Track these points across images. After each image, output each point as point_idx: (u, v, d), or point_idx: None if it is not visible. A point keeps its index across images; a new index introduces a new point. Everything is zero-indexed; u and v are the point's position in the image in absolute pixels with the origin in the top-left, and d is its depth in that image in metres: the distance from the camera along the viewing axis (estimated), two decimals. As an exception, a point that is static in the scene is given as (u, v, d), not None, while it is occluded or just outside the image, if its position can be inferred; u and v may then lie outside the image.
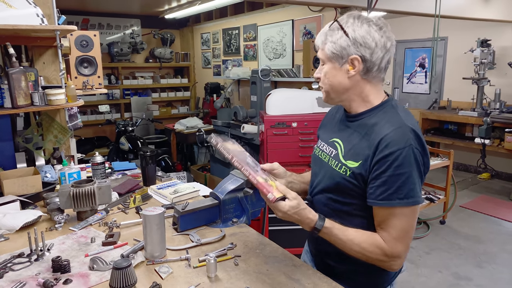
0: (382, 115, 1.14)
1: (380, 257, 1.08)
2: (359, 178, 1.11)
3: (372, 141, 1.09)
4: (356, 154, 1.13)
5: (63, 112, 2.28)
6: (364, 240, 1.09)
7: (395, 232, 1.07)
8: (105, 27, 6.42)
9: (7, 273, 1.20)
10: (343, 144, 1.20)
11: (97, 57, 2.43)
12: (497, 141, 4.96)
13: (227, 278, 1.15)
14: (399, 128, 1.07)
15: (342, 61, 1.12)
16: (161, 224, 1.27)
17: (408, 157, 1.04)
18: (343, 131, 1.22)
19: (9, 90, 1.68)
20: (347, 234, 1.10)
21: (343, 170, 1.14)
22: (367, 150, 1.10)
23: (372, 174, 1.08)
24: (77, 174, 1.96)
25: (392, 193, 1.05)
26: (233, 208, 1.56)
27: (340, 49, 1.11)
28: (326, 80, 1.17)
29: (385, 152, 1.05)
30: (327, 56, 1.15)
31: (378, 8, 3.55)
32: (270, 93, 3.40)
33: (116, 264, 1.08)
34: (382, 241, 1.08)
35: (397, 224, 1.07)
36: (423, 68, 6.33)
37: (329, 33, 1.13)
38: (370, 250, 1.08)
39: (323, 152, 1.26)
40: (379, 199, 1.07)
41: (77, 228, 1.52)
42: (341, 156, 1.18)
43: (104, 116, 6.22)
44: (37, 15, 1.96)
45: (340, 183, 1.15)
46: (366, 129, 1.14)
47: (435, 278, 3.02)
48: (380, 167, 1.06)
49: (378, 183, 1.06)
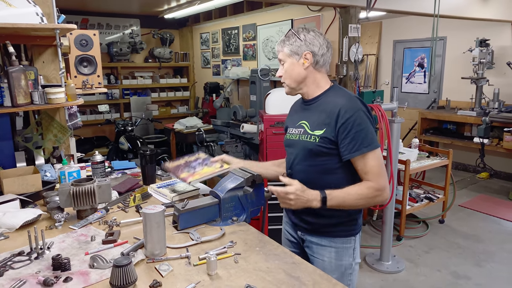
0: (333, 93, 1.52)
1: (374, 192, 1.41)
2: (327, 141, 1.45)
3: (331, 111, 1.44)
4: (320, 124, 1.47)
5: (63, 111, 2.28)
6: (359, 188, 1.42)
7: (375, 169, 1.42)
8: (105, 27, 6.42)
9: (7, 271, 1.20)
10: (307, 122, 1.53)
11: (96, 56, 2.43)
12: (496, 140, 4.97)
13: (227, 275, 1.15)
14: (349, 98, 1.47)
15: (298, 57, 1.49)
16: (161, 222, 1.27)
17: (362, 117, 1.42)
18: (305, 113, 1.57)
19: (9, 88, 1.68)
20: (345, 191, 1.41)
21: (313, 138, 1.48)
22: (328, 119, 1.45)
23: (340, 136, 1.42)
24: (77, 173, 1.96)
25: (360, 144, 1.40)
26: (233, 207, 1.57)
27: (296, 48, 1.48)
28: (287, 74, 1.52)
29: (346, 116, 1.41)
30: (286, 55, 1.50)
31: (377, 8, 3.56)
32: (270, 92, 3.40)
33: (117, 262, 1.08)
34: (370, 182, 1.42)
35: (373, 164, 1.42)
36: (422, 68, 6.34)
37: (286, 39, 1.51)
38: (366, 192, 1.41)
39: (293, 135, 1.58)
40: (352, 152, 1.41)
41: (77, 226, 1.52)
42: (308, 130, 1.51)
43: (103, 116, 6.22)
44: (37, 14, 1.96)
45: (312, 149, 1.48)
46: (323, 105, 1.50)
47: (434, 277, 3.03)
48: (345, 129, 1.41)
49: (348, 140, 1.41)
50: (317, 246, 1.57)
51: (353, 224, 1.57)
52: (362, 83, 6.63)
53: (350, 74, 3.57)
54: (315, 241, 1.57)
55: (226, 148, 4.03)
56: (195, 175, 1.72)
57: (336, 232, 1.54)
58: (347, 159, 1.43)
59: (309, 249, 1.61)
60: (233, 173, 1.64)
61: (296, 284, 1.09)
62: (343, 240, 1.56)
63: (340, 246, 1.56)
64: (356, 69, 3.58)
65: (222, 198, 1.53)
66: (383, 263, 3.16)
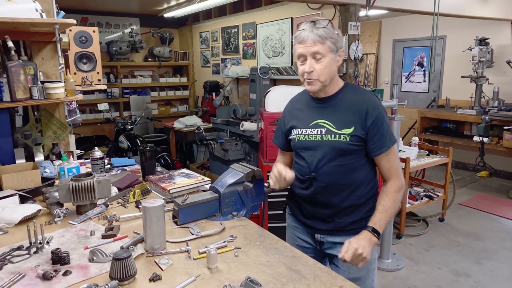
0: (352, 91, 1.50)
1: (400, 191, 1.45)
2: (357, 139, 1.43)
3: (358, 109, 1.43)
4: (347, 122, 1.44)
5: (62, 107, 2.27)
6: (390, 197, 1.43)
7: (396, 164, 1.46)
8: (104, 26, 6.41)
9: (6, 265, 1.20)
10: (329, 121, 1.47)
11: (96, 53, 2.43)
12: (496, 139, 4.96)
13: (228, 269, 1.15)
14: (370, 95, 1.50)
15: (336, 53, 1.42)
16: (161, 216, 1.26)
17: (384, 113, 1.46)
18: (321, 112, 1.50)
19: (8, 83, 1.68)
20: (382, 209, 1.41)
21: (343, 137, 1.43)
22: (355, 117, 1.43)
23: (371, 132, 1.42)
24: (76, 169, 1.96)
25: (386, 139, 1.43)
26: (233, 202, 1.57)
27: (337, 43, 1.40)
28: (327, 70, 1.41)
29: (375, 113, 1.42)
30: (329, 49, 1.38)
31: (377, 6, 3.56)
32: (270, 90, 3.40)
33: (116, 255, 1.07)
34: (393, 182, 1.45)
35: (393, 159, 1.46)
36: (422, 67, 6.34)
37: (328, 31, 1.37)
38: (395, 196, 1.44)
39: (310, 135, 1.50)
40: (381, 148, 1.42)
41: (76, 221, 1.52)
42: (333, 129, 1.45)
43: (103, 114, 6.21)
44: (36, 10, 1.95)
45: (344, 149, 1.43)
46: (345, 103, 1.47)
47: (434, 274, 3.02)
48: (375, 125, 1.42)
49: (378, 137, 1.42)
50: (342, 246, 1.39)
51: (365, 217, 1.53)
52: (362, 83, 6.62)
53: (350, 72, 3.57)
54: (338, 241, 1.51)
55: (226, 146, 4.03)
56: (175, 185, 1.79)
57: (360, 228, 1.44)
58: (377, 155, 1.44)
59: (333, 250, 1.55)
60: (233, 168, 1.64)
61: (297, 277, 1.09)
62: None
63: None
64: (356, 67, 3.58)
65: (222, 193, 1.53)
66: (383, 261, 3.15)
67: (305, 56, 1.40)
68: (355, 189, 1.48)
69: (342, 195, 1.48)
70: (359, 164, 1.47)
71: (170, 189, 1.73)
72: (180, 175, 1.93)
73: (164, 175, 1.94)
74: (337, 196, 1.49)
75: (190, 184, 1.80)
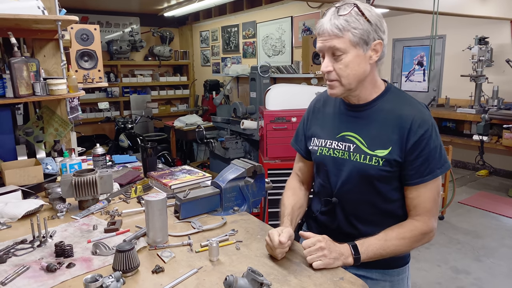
0: (395, 99, 1.17)
1: (419, 236, 1.14)
2: (394, 164, 1.13)
3: (400, 125, 1.12)
4: (383, 142, 1.14)
5: (64, 104, 2.28)
6: (400, 232, 1.14)
7: (428, 204, 1.14)
8: (104, 25, 6.42)
9: (10, 258, 1.21)
10: (359, 135, 1.18)
11: (97, 50, 2.44)
12: (495, 138, 4.98)
13: (229, 261, 1.16)
14: (418, 106, 1.14)
15: (366, 48, 1.10)
16: (163, 210, 1.28)
17: (435, 131, 1.13)
18: (353, 123, 1.20)
19: (11, 79, 1.69)
20: (382, 237, 1.13)
21: (375, 161, 1.14)
22: (394, 135, 1.12)
23: (410, 156, 1.11)
24: (78, 165, 1.97)
25: (433, 166, 1.11)
26: (234, 197, 1.58)
27: (367, 34, 1.08)
28: (349, 70, 1.10)
29: (420, 132, 1.10)
30: (351, 43, 1.08)
31: (377, 5, 3.57)
32: (270, 88, 3.41)
33: (119, 247, 1.08)
34: (415, 223, 1.14)
35: (430, 196, 1.14)
36: (421, 66, 6.36)
37: (349, 18, 1.06)
38: (409, 236, 1.13)
39: (336, 150, 1.22)
40: (425, 175, 1.12)
41: (79, 216, 1.53)
42: (364, 148, 1.16)
43: (103, 113, 6.22)
44: (38, 7, 1.96)
45: (374, 175, 1.15)
46: (384, 114, 1.15)
47: (434, 272, 3.04)
48: (418, 146, 1.10)
49: (421, 161, 1.11)
50: (365, 280, 1.13)
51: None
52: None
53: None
54: (363, 274, 1.21)
55: (227, 144, 4.04)
56: (177, 180, 1.81)
57: (390, 262, 1.19)
58: (415, 184, 1.13)
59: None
60: (234, 164, 1.65)
61: (298, 269, 1.10)
62: (398, 271, 1.27)
63: (396, 278, 1.27)
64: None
65: (223, 188, 1.54)
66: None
67: (323, 52, 1.13)
68: (388, 223, 1.19)
69: (368, 230, 1.19)
70: (391, 195, 1.18)
71: (171, 185, 1.74)
72: (181, 172, 1.94)
73: (165, 172, 1.95)
74: (361, 229, 1.22)
75: (191, 180, 1.81)
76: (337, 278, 1.06)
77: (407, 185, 1.15)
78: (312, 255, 1.09)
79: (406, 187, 1.16)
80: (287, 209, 1.30)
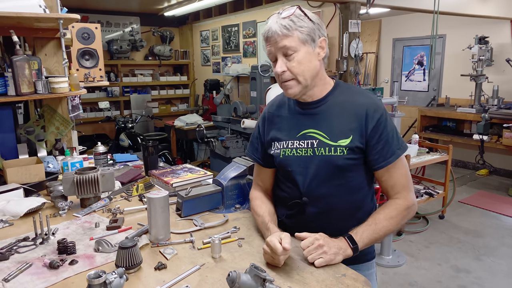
0: (345, 91, 1.25)
1: (403, 212, 1.19)
2: (357, 151, 1.18)
3: (356, 113, 1.19)
4: (344, 132, 1.19)
5: (65, 103, 2.29)
6: (386, 212, 1.18)
7: (402, 180, 1.20)
8: (105, 24, 6.43)
9: (13, 255, 1.21)
10: (320, 130, 1.21)
11: (98, 49, 2.44)
12: (495, 137, 4.99)
13: (231, 258, 1.16)
14: (367, 95, 1.24)
15: (314, 44, 1.16)
16: (165, 207, 1.28)
17: (388, 116, 1.20)
18: (311, 120, 1.23)
19: (13, 77, 1.69)
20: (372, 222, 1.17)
21: (340, 151, 1.18)
22: (353, 123, 1.18)
23: (372, 140, 1.18)
24: (80, 163, 1.97)
25: (394, 147, 1.18)
26: (236, 195, 1.58)
27: (312, 32, 1.14)
28: (302, 67, 1.15)
29: (376, 116, 1.17)
30: (300, 41, 1.13)
31: (377, 4, 3.58)
32: (270, 87, 3.42)
33: (122, 244, 1.09)
34: (397, 200, 1.20)
35: (400, 173, 1.20)
36: (422, 65, 6.36)
37: (295, 19, 1.13)
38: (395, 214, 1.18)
39: (298, 149, 1.23)
40: (388, 157, 1.17)
41: (81, 214, 1.53)
42: (327, 141, 1.20)
43: (103, 113, 6.22)
44: (40, 6, 1.97)
45: (341, 165, 1.19)
46: (339, 106, 1.22)
47: (434, 270, 3.04)
48: (377, 130, 1.17)
49: (382, 145, 1.17)
50: None
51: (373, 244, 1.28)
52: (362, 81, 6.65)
53: (350, 70, 3.59)
54: None
55: (227, 143, 4.04)
56: (178, 178, 1.81)
57: (357, 257, 1.17)
58: (382, 167, 1.18)
59: None
60: (235, 162, 1.66)
61: (300, 266, 1.10)
62: (368, 266, 1.31)
63: (366, 273, 1.26)
64: (356, 64, 3.60)
65: (225, 186, 1.54)
66: (383, 257, 3.17)
67: (274, 55, 1.16)
68: (354, 214, 1.23)
69: (340, 222, 1.22)
70: (358, 183, 1.23)
71: (173, 183, 1.75)
72: (182, 170, 1.95)
73: (166, 170, 1.96)
74: (333, 223, 1.23)
75: (193, 178, 1.82)
76: (339, 274, 1.06)
77: (376, 170, 1.21)
78: (312, 254, 1.09)
79: (377, 172, 1.22)
80: (266, 217, 1.28)
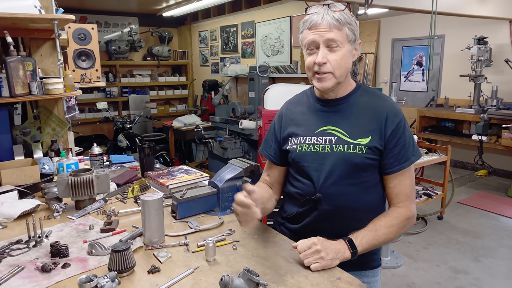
0: (366, 93, 1.26)
1: (403, 222, 1.19)
2: (375, 152, 1.19)
3: (376, 116, 1.19)
4: (363, 131, 1.19)
5: (61, 104, 2.27)
6: (387, 220, 1.18)
7: (408, 190, 1.21)
8: (103, 25, 6.41)
9: (5, 258, 1.20)
10: (340, 128, 1.22)
11: (95, 50, 2.43)
12: (494, 138, 4.98)
13: (226, 261, 1.15)
14: (388, 99, 1.25)
15: (354, 45, 1.19)
16: (159, 210, 1.27)
17: (406, 122, 1.22)
18: (331, 117, 1.24)
19: (7, 79, 1.68)
20: (372, 228, 1.16)
21: (359, 149, 1.18)
22: (373, 124, 1.19)
23: (390, 143, 1.18)
24: (75, 165, 1.96)
25: (409, 153, 1.19)
26: (232, 196, 1.56)
27: (356, 32, 1.17)
28: (342, 63, 1.16)
29: (396, 121, 1.19)
30: (347, 38, 1.15)
31: (376, 4, 3.56)
32: (268, 88, 3.41)
33: (115, 247, 1.08)
34: (399, 209, 1.20)
35: (408, 183, 1.21)
36: (421, 66, 6.35)
37: (345, 16, 1.14)
38: (396, 223, 1.18)
39: (316, 145, 1.23)
40: (403, 162, 1.18)
41: (75, 216, 1.52)
42: (346, 138, 1.20)
43: (102, 113, 6.21)
44: (35, 6, 1.96)
45: (359, 163, 1.18)
46: (360, 107, 1.23)
47: (433, 271, 3.03)
48: (396, 134, 1.18)
49: (398, 149, 1.18)
50: None
51: (379, 251, 1.33)
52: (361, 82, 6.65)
53: (349, 70, 3.58)
54: None
55: (225, 144, 4.03)
56: (174, 180, 1.79)
57: (365, 262, 1.22)
58: (395, 171, 1.19)
59: None
60: (231, 163, 1.64)
61: (295, 269, 1.09)
62: (374, 273, 1.31)
63: (372, 279, 1.29)
64: (355, 65, 3.58)
65: (220, 188, 1.53)
66: (382, 258, 3.15)
67: (317, 44, 1.14)
68: (364, 215, 1.22)
69: (349, 223, 1.22)
70: (373, 184, 1.23)
71: (168, 185, 1.73)
72: (179, 171, 1.93)
73: (162, 171, 1.94)
74: (343, 223, 1.23)
75: (188, 179, 1.81)
76: (334, 278, 1.05)
77: (387, 174, 1.21)
78: (309, 258, 1.08)
79: (386, 177, 1.22)
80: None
